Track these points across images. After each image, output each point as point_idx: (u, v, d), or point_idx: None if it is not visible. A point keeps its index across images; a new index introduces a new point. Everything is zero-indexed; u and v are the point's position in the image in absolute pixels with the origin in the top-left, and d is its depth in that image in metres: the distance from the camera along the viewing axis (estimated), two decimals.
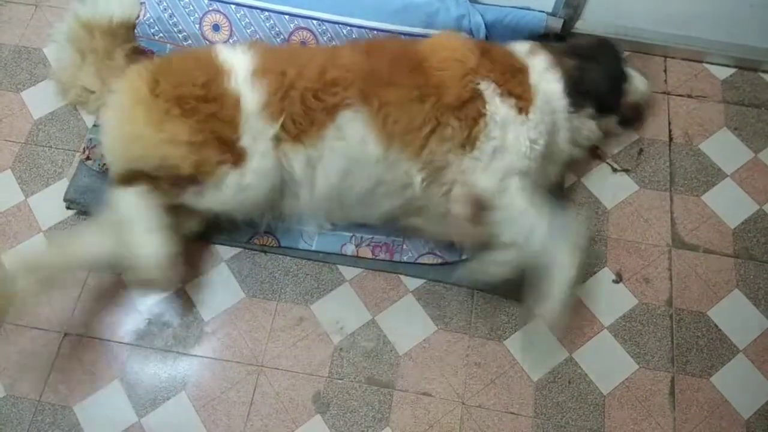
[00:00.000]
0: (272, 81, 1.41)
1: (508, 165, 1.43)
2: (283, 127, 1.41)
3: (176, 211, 1.45)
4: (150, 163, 1.39)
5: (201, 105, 1.38)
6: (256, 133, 1.39)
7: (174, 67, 1.47)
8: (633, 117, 1.78)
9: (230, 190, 1.40)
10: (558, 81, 1.54)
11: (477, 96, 1.43)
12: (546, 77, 1.53)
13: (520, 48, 1.60)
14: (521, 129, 1.45)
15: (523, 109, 1.46)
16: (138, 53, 1.72)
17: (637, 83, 1.72)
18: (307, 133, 1.41)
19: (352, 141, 1.41)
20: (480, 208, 1.43)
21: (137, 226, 1.38)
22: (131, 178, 1.40)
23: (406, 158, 1.42)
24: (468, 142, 1.42)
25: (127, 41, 1.70)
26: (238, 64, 1.43)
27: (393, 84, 1.42)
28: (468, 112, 1.42)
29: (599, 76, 1.60)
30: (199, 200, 1.42)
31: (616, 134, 1.77)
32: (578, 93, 1.55)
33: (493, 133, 1.43)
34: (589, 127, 1.62)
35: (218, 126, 1.38)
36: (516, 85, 1.47)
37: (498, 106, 1.44)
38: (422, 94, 1.41)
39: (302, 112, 1.41)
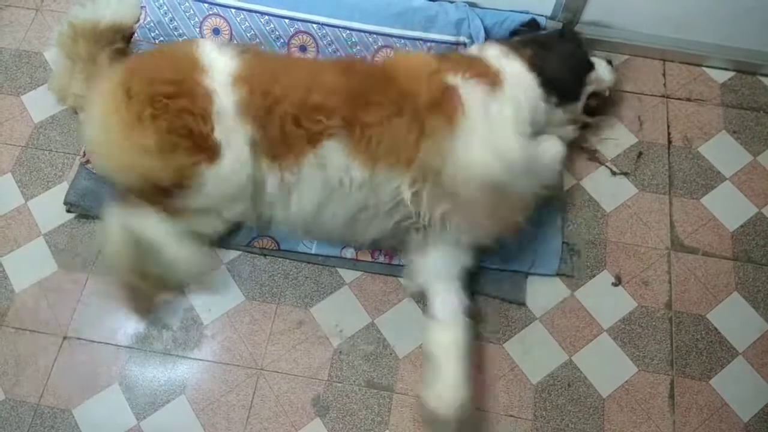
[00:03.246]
0: (254, 89, 1.39)
1: (500, 137, 1.39)
2: (260, 143, 1.40)
3: (186, 217, 1.46)
4: (127, 172, 1.40)
5: (171, 101, 1.36)
6: (230, 129, 1.38)
7: (148, 64, 1.46)
8: (597, 106, 1.75)
9: (212, 186, 1.40)
10: (517, 62, 1.53)
11: (448, 89, 1.42)
12: (503, 60, 1.53)
13: (471, 49, 1.64)
14: (501, 101, 1.43)
15: (495, 84, 1.45)
16: (123, 55, 1.70)
17: (601, 72, 1.70)
18: (284, 157, 1.40)
19: (333, 170, 1.39)
20: (495, 190, 1.37)
21: (158, 238, 1.42)
22: (128, 197, 1.42)
23: (394, 175, 1.40)
24: (458, 132, 1.37)
25: (111, 43, 1.66)
26: (220, 63, 1.42)
27: (370, 104, 1.39)
28: (445, 105, 1.40)
29: (557, 64, 1.58)
30: (189, 202, 1.42)
31: (583, 122, 1.73)
32: (540, 81, 1.54)
33: (475, 115, 1.39)
34: (558, 115, 1.60)
35: (190, 120, 1.36)
36: (480, 69, 1.47)
37: (471, 89, 1.42)
38: (399, 106, 1.39)
39: (279, 136, 1.39)
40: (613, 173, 1.77)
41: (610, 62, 1.75)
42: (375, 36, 1.76)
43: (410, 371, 1.51)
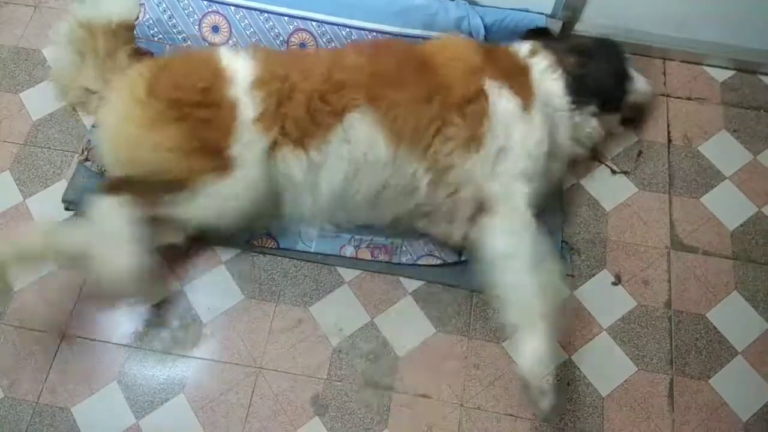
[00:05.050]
0: (273, 89, 1.40)
1: (513, 166, 1.44)
2: (283, 132, 1.40)
3: (156, 223, 1.42)
4: (138, 166, 1.39)
5: (195, 110, 1.37)
6: (248, 143, 1.39)
7: (175, 68, 1.46)
8: (634, 117, 1.79)
9: (214, 199, 1.39)
10: (558, 79, 1.54)
11: (481, 94, 1.44)
12: (546, 76, 1.54)
13: (522, 48, 1.61)
14: (525, 128, 1.45)
15: (526, 107, 1.47)
16: (140, 54, 1.72)
17: (640, 84, 1.72)
18: (312, 136, 1.41)
19: (359, 143, 1.41)
20: (479, 209, 1.44)
21: (113, 236, 1.35)
22: (119, 186, 1.40)
23: (413, 160, 1.43)
24: (473, 142, 1.43)
25: (129, 42, 1.70)
26: (240, 71, 1.42)
27: (400, 84, 1.42)
28: (472, 109, 1.43)
29: (603, 74, 1.60)
30: (184, 209, 1.40)
31: (616, 133, 1.77)
32: (580, 90, 1.56)
33: (497, 132, 1.43)
34: (591, 124, 1.62)
35: (210, 133, 1.37)
36: (518, 85, 1.48)
37: (502, 105, 1.45)
38: (429, 94, 1.42)
39: (306, 115, 1.40)
40: (613, 172, 1.76)
41: (645, 76, 1.76)
42: (375, 34, 1.76)
43: (410, 370, 1.50)
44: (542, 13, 1.82)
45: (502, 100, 1.45)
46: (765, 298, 1.60)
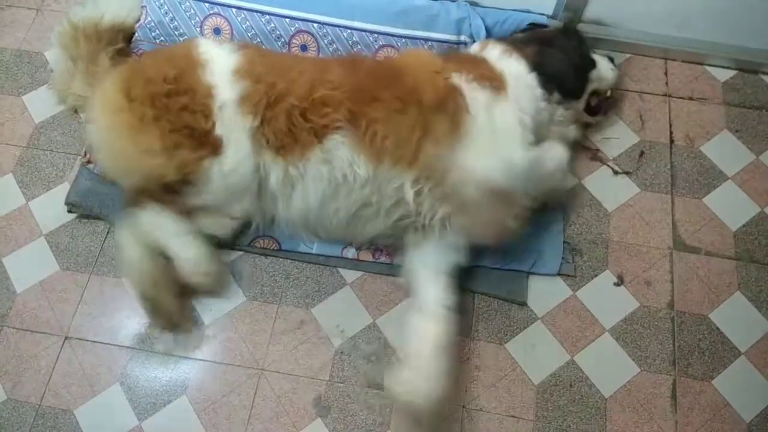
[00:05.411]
0: (256, 82, 1.40)
1: (505, 147, 1.40)
2: (263, 136, 1.40)
3: (199, 214, 1.47)
4: (139, 175, 1.41)
5: (171, 100, 1.38)
6: (231, 123, 1.39)
7: (146, 65, 1.46)
8: (600, 105, 1.75)
9: (218, 180, 1.40)
10: (519, 62, 1.54)
11: (453, 89, 1.43)
12: (505, 61, 1.53)
13: (473, 47, 1.64)
14: (505, 107, 1.44)
15: (498, 88, 1.46)
16: (124, 55, 1.69)
17: (604, 70, 1.70)
18: (290, 150, 1.40)
19: (339, 164, 1.40)
20: (499, 196, 1.37)
21: (166, 237, 1.43)
22: (137, 198, 1.43)
23: (397, 173, 1.40)
24: (460, 134, 1.39)
25: (112, 44, 1.66)
26: (218, 58, 1.43)
27: (376, 99, 1.40)
28: (449, 106, 1.41)
29: (559, 61, 1.59)
30: (198, 199, 1.43)
31: (586, 122, 1.74)
32: (542, 78, 1.54)
33: (481, 121, 1.41)
34: (559, 113, 1.61)
35: (190, 118, 1.38)
36: (484, 71, 1.48)
37: (475, 92, 1.43)
38: (403, 103, 1.40)
39: (286, 129, 1.39)
40: (615, 172, 1.76)
41: (612, 60, 1.75)
42: (376, 35, 1.76)
43: None
44: (543, 14, 1.82)
45: (474, 90, 1.43)
46: None
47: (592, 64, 1.67)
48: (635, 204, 1.72)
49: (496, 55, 1.55)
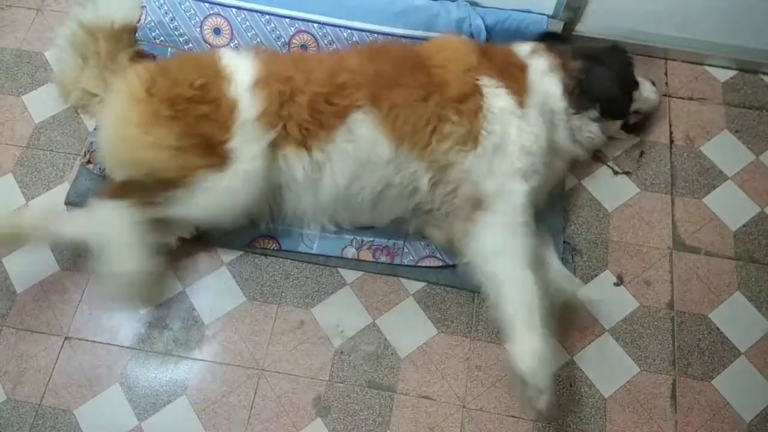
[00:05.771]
0: (275, 90, 1.42)
1: (510, 163, 1.44)
2: (287, 132, 1.42)
3: (159, 225, 1.44)
4: (137, 166, 1.40)
5: (193, 106, 1.39)
6: (249, 138, 1.40)
7: (173, 68, 1.48)
8: (638, 124, 1.78)
9: (212, 195, 1.40)
10: (557, 83, 1.55)
11: (476, 90, 1.45)
12: (545, 78, 1.54)
13: (523, 48, 1.61)
14: (521, 125, 1.46)
15: (521, 103, 1.47)
16: (141, 56, 1.73)
17: (647, 92, 1.72)
18: (316, 137, 1.42)
19: (362, 143, 1.43)
20: (475, 207, 1.43)
21: (116, 242, 1.38)
22: (119, 190, 1.41)
23: (414, 158, 1.44)
24: (470, 139, 1.43)
25: (130, 45, 1.71)
26: (241, 71, 1.44)
27: (400, 85, 1.44)
28: (468, 105, 1.44)
29: (608, 81, 1.60)
30: (183, 207, 1.41)
31: (618, 138, 1.77)
32: (583, 95, 1.56)
33: (492, 127, 1.44)
34: (591, 129, 1.62)
35: (208, 127, 1.38)
36: (514, 82, 1.49)
37: (496, 99, 1.45)
38: (427, 93, 1.43)
39: (310, 117, 1.42)
40: (615, 173, 1.76)
41: (653, 83, 1.76)
42: (376, 35, 1.76)
43: (411, 371, 1.50)
44: (543, 14, 1.82)
45: (497, 98, 1.46)
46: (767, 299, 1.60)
47: (636, 85, 1.69)
48: (635, 204, 1.72)
49: (540, 69, 1.55)
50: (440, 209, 1.51)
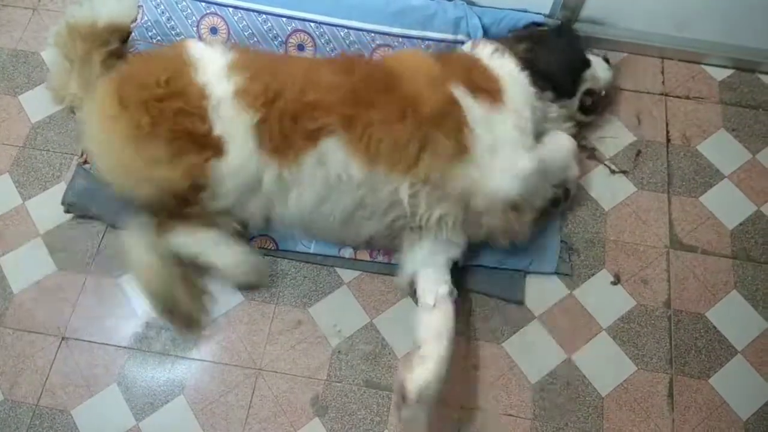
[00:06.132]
0: (253, 78, 1.39)
1: (510, 158, 1.42)
2: (267, 133, 1.38)
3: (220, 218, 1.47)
4: (145, 189, 1.39)
5: (165, 104, 1.36)
6: (230, 120, 1.37)
7: (138, 70, 1.45)
8: (595, 104, 1.74)
9: (228, 180, 1.39)
10: (509, 60, 1.54)
11: (451, 102, 1.41)
12: (497, 60, 1.53)
13: (465, 47, 1.64)
14: (504, 118, 1.44)
15: (495, 98, 1.45)
16: (117, 56, 1.68)
17: (599, 70, 1.70)
18: (284, 153, 1.39)
19: (333, 167, 1.38)
20: (515, 209, 1.44)
21: (205, 254, 1.46)
22: (162, 222, 1.43)
23: (394, 177, 1.39)
24: (463, 152, 1.39)
25: (105, 45, 1.65)
26: (210, 57, 1.42)
27: (371, 104, 1.38)
28: (448, 122, 1.39)
29: (551, 59, 1.59)
30: (215, 203, 1.42)
31: (580, 121, 1.73)
32: (534, 75, 1.54)
33: (481, 135, 1.40)
34: (553, 111, 1.61)
35: (188, 121, 1.36)
36: (479, 79, 1.47)
37: (474, 106, 1.42)
38: (401, 111, 1.38)
39: (278, 132, 1.38)
40: (612, 171, 1.76)
41: (607, 60, 1.75)
42: (373, 35, 1.75)
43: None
44: (540, 13, 1.82)
45: (473, 104, 1.42)
46: (764, 297, 1.60)
47: (586, 63, 1.67)
48: (632, 203, 1.72)
49: (487, 54, 1.55)
50: (420, 219, 1.45)
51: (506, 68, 1.52)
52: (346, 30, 1.76)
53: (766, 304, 1.59)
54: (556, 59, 1.59)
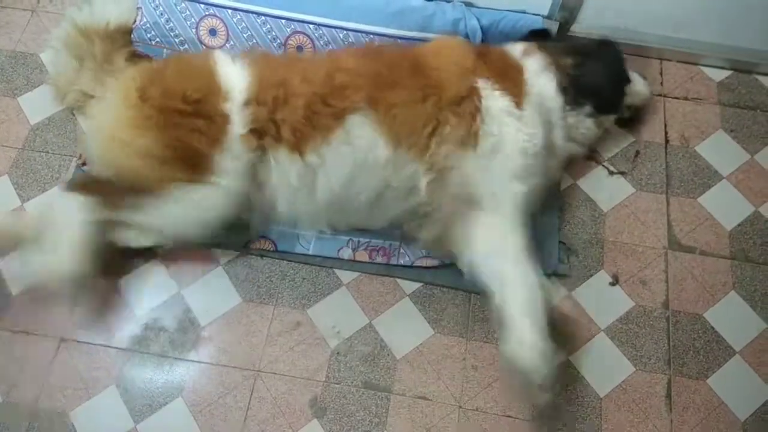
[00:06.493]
0: (265, 99, 1.41)
1: (506, 164, 1.44)
2: (278, 137, 1.41)
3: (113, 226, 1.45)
4: (119, 169, 1.40)
5: (187, 120, 1.38)
6: (234, 155, 1.40)
7: (167, 75, 1.46)
8: (631, 118, 1.79)
9: (185, 206, 1.40)
10: (552, 81, 1.55)
11: (474, 93, 1.45)
12: (540, 77, 1.54)
13: (516, 48, 1.62)
14: (518, 125, 1.46)
15: (518, 105, 1.47)
16: (138, 57, 1.73)
17: (639, 86, 1.73)
18: (310, 139, 1.41)
19: (361, 144, 1.42)
20: (471, 206, 1.44)
21: (66, 235, 1.38)
22: (88, 187, 1.41)
23: (412, 160, 1.43)
24: (468, 141, 1.43)
25: (125, 45, 1.71)
26: (235, 84, 1.43)
27: (397, 86, 1.43)
28: (465, 108, 1.43)
29: (599, 76, 1.61)
30: (149, 215, 1.41)
31: (612, 134, 1.77)
32: (576, 91, 1.57)
33: (490, 128, 1.44)
34: (586, 125, 1.63)
35: (197, 140, 1.37)
36: (510, 83, 1.49)
37: (493, 101, 1.45)
38: (424, 95, 1.43)
39: (304, 119, 1.40)
40: (610, 173, 1.76)
41: (645, 77, 1.78)
42: (372, 36, 1.75)
43: (408, 372, 1.51)
44: (539, 15, 1.82)
45: (493, 99, 1.46)
46: (763, 298, 1.60)
47: (628, 79, 1.69)
48: (630, 204, 1.72)
49: (534, 68, 1.55)
50: (437, 211, 1.50)
51: (544, 88, 1.53)
52: (345, 31, 1.76)
53: (765, 304, 1.59)
54: (603, 74, 1.62)
